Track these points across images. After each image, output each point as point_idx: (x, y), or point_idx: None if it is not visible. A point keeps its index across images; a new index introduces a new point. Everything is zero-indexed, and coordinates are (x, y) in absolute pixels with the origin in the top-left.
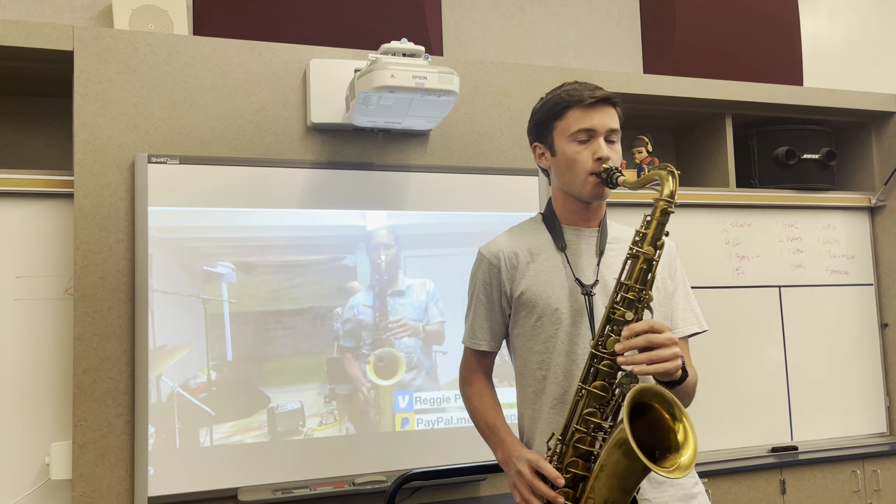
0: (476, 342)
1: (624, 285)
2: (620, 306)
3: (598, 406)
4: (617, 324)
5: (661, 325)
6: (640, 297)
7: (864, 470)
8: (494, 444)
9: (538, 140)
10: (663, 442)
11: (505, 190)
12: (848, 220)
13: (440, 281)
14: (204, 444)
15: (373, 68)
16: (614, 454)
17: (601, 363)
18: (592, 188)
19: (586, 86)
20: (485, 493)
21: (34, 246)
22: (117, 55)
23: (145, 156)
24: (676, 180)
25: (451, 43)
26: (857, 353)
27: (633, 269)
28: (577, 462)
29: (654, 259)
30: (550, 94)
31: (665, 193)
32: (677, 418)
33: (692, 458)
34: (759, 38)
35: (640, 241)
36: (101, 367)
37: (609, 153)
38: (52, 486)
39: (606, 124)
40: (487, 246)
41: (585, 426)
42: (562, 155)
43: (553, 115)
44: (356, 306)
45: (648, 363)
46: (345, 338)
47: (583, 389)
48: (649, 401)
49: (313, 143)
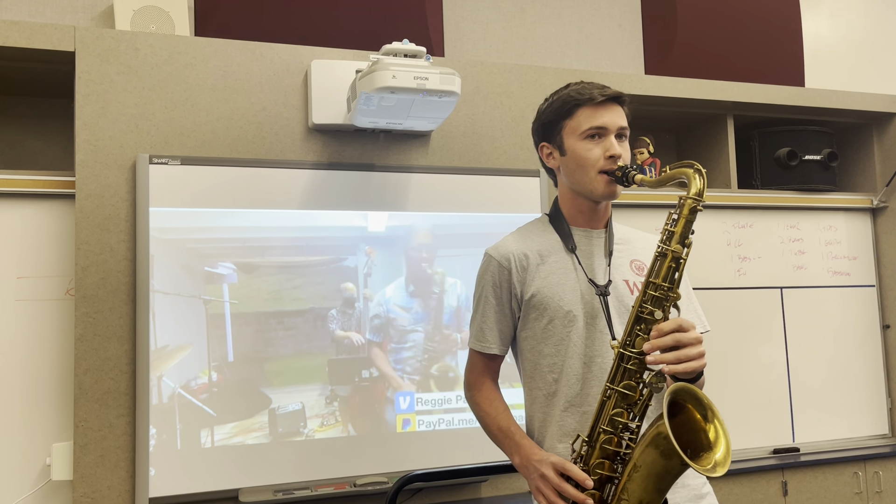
0: (486, 345)
1: (652, 283)
2: (649, 305)
3: (625, 406)
4: (645, 322)
5: (689, 323)
6: (668, 296)
7: (866, 471)
8: (510, 448)
9: (546, 140)
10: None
11: (506, 191)
12: (849, 222)
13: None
14: (205, 444)
15: (374, 69)
16: (650, 454)
17: (629, 363)
18: (605, 186)
19: (594, 84)
20: (486, 494)
21: (35, 247)
22: (119, 56)
23: (146, 156)
24: (704, 178)
25: (453, 44)
26: (859, 354)
27: (661, 268)
28: (604, 463)
29: (683, 257)
30: (558, 94)
31: (693, 192)
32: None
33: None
34: (761, 38)
35: (667, 240)
36: (102, 367)
37: (621, 151)
38: (53, 486)
39: (617, 122)
40: (496, 247)
41: (612, 426)
42: (572, 153)
43: (562, 114)
44: (386, 303)
45: (677, 362)
46: (373, 332)
47: (610, 390)
48: (683, 401)
49: (314, 144)
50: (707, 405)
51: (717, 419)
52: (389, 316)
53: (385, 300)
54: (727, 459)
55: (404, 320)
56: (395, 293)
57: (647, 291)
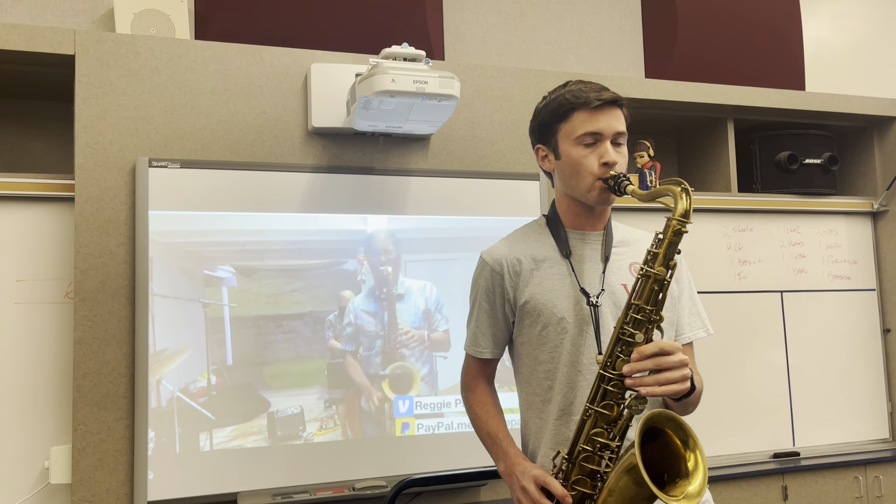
0: (479, 350)
1: (634, 305)
2: (630, 327)
3: (605, 426)
4: (626, 345)
5: (671, 346)
6: (651, 318)
7: (867, 476)
8: (496, 454)
9: (541, 142)
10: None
11: (506, 194)
12: (850, 225)
13: (440, 285)
14: (204, 448)
15: (374, 73)
16: (623, 479)
17: (609, 384)
18: (599, 194)
19: (592, 86)
20: (485, 498)
21: (35, 249)
22: (119, 59)
23: (146, 160)
24: (691, 198)
25: (453, 47)
26: (860, 358)
27: (644, 289)
28: (584, 480)
29: (666, 279)
30: (554, 94)
31: (678, 213)
32: (689, 447)
33: (701, 487)
34: (761, 42)
35: (651, 261)
36: (101, 370)
37: (616, 157)
38: (52, 490)
39: (613, 127)
40: (490, 251)
41: (592, 445)
42: (567, 159)
43: (557, 117)
44: (355, 310)
45: (657, 385)
46: (346, 341)
47: (590, 409)
48: (662, 426)
49: (314, 148)
50: (687, 431)
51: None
52: (358, 323)
53: (354, 307)
54: (701, 492)
55: (371, 326)
56: (362, 300)
57: (629, 314)
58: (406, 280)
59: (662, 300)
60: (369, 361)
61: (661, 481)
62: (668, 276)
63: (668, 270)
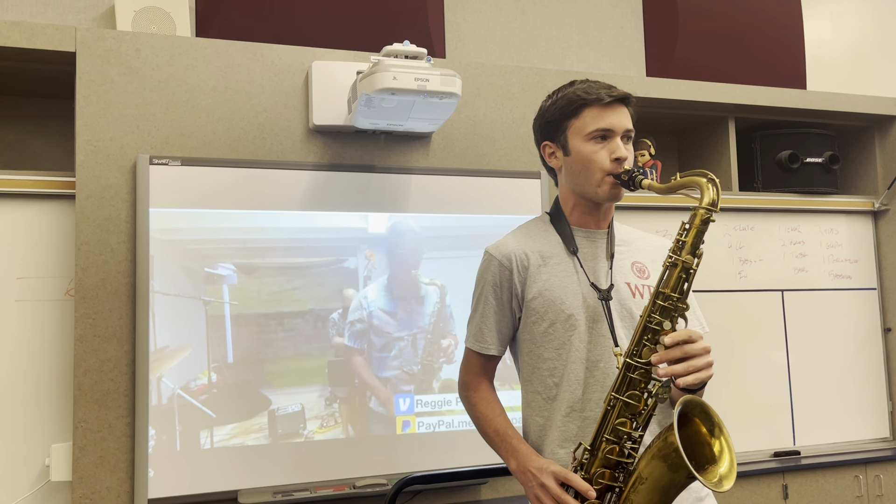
0: (485, 346)
1: (661, 293)
2: (657, 315)
3: (629, 416)
4: (653, 333)
5: (697, 334)
6: (677, 307)
7: (867, 475)
8: (506, 452)
9: (548, 139)
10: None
11: (507, 192)
12: (851, 224)
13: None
14: (204, 446)
15: (375, 70)
16: (657, 466)
17: (635, 372)
18: (609, 189)
19: (601, 84)
20: (486, 496)
21: (35, 247)
22: (119, 57)
23: (147, 157)
24: (718, 188)
25: (454, 45)
26: (860, 357)
27: (671, 278)
28: (605, 472)
29: (693, 268)
30: (563, 92)
31: (706, 202)
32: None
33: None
34: (763, 41)
35: (678, 250)
36: (101, 368)
37: (626, 153)
38: (53, 487)
39: (623, 124)
40: (497, 247)
41: (616, 436)
42: (577, 155)
43: (568, 114)
44: (368, 307)
45: (686, 373)
46: (353, 338)
47: (615, 399)
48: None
49: (315, 146)
50: (716, 420)
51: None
52: (373, 322)
53: (368, 303)
54: (732, 474)
55: (390, 326)
56: (377, 296)
57: (657, 301)
58: (423, 281)
59: (688, 289)
60: (382, 362)
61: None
62: (694, 265)
63: (695, 259)
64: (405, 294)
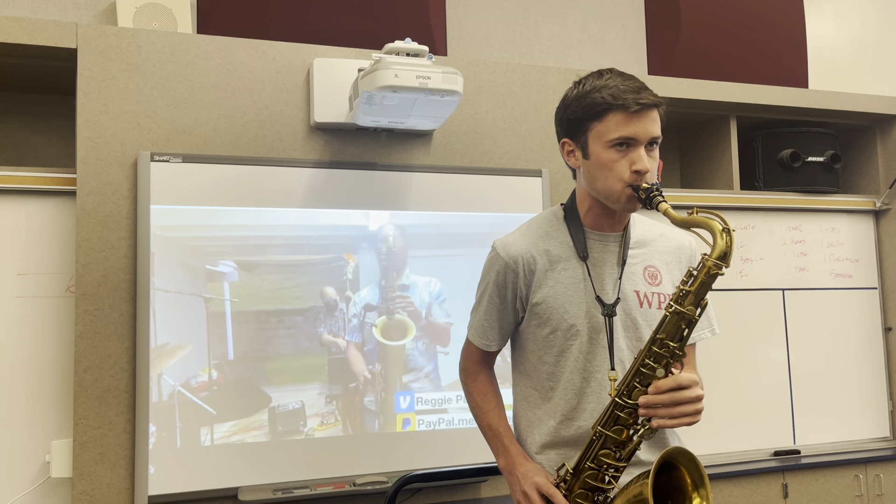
0: (486, 343)
1: (658, 340)
2: (651, 361)
3: (613, 448)
4: (644, 377)
5: (689, 380)
6: (674, 354)
7: (867, 474)
8: (497, 449)
9: (569, 137)
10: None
11: (508, 191)
12: (852, 224)
13: (442, 281)
14: (205, 443)
15: (376, 68)
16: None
17: (622, 411)
18: (626, 201)
19: (631, 85)
20: (485, 494)
21: (36, 243)
22: (120, 53)
23: (148, 154)
24: (732, 240)
25: (455, 43)
26: (861, 356)
27: (670, 325)
28: (586, 494)
29: (695, 319)
30: (588, 87)
31: (715, 254)
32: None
33: None
34: (765, 40)
35: (682, 299)
36: (102, 365)
37: (649, 165)
38: (53, 483)
39: (649, 132)
40: (505, 245)
41: (598, 464)
42: (596, 160)
43: (591, 115)
44: (360, 303)
45: (669, 418)
46: (351, 333)
47: (601, 432)
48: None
49: (316, 143)
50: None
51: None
52: (365, 321)
53: (360, 299)
54: None
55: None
56: (369, 294)
57: (652, 348)
58: (412, 275)
59: (687, 337)
60: (372, 355)
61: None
62: (696, 316)
63: (697, 309)
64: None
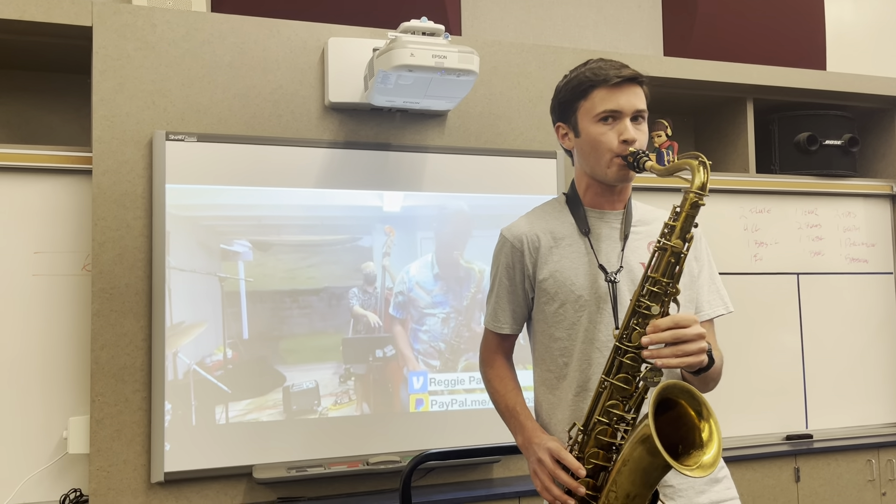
0: (499, 326)
1: (651, 278)
2: (646, 300)
3: (620, 398)
4: (642, 317)
5: (688, 318)
6: (667, 291)
7: (880, 459)
8: (514, 427)
9: (561, 120)
10: (687, 439)
11: (523, 172)
12: (869, 208)
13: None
14: (220, 421)
15: (392, 47)
16: (637, 450)
17: (625, 356)
18: (617, 171)
19: (612, 64)
20: (498, 475)
21: (52, 222)
22: (136, 31)
23: (163, 133)
24: (708, 171)
25: (469, 23)
26: (875, 342)
27: (661, 262)
28: (598, 452)
29: (683, 252)
30: (575, 72)
31: (696, 185)
32: (703, 417)
33: (715, 457)
34: (782, 21)
35: (668, 234)
36: (118, 343)
37: (636, 135)
38: (70, 459)
39: (633, 104)
40: (510, 228)
41: (608, 417)
42: (586, 136)
43: (577, 95)
44: (409, 280)
45: (673, 357)
46: (396, 308)
47: (606, 382)
48: (676, 397)
49: (330, 123)
50: (701, 402)
51: (712, 417)
52: (411, 295)
53: (409, 278)
54: (715, 462)
55: (423, 302)
56: (419, 272)
57: (646, 286)
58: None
59: (679, 273)
60: (415, 334)
61: (675, 452)
62: (684, 249)
63: (684, 243)
64: (445, 273)
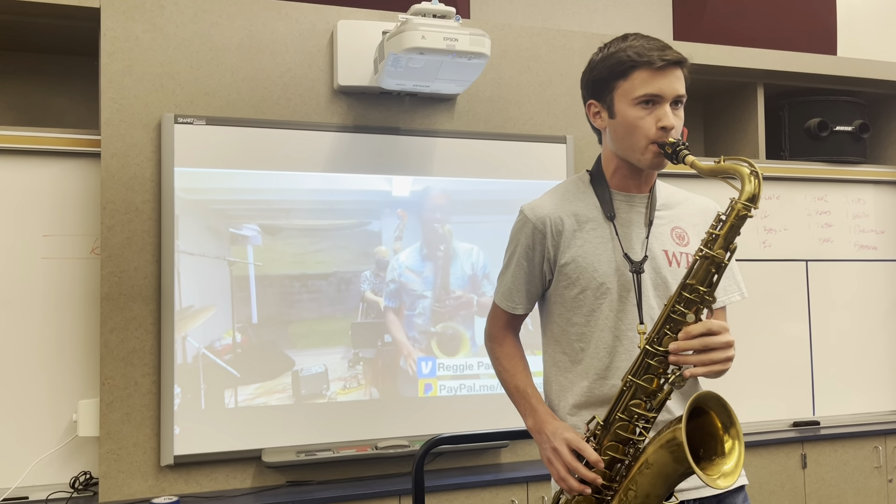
0: (512, 306)
1: (688, 285)
2: (681, 307)
3: (644, 398)
4: (675, 323)
5: (719, 326)
6: (703, 300)
7: (886, 446)
8: (524, 410)
9: (594, 97)
10: (709, 446)
11: (532, 157)
12: (878, 195)
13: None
14: (229, 405)
15: (403, 29)
16: (662, 454)
17: (653, 359)
18: (652, 157)
19: (656, 44)
20: (506, 459)
21: (61, 205)
22: (144, 13)
23: (172, 116)
24: (760, 181)
25: (479, 6)
26: (883, 328)
27: (700, 270)
28: (616, 446)
29: (724, 262)
30: (613, 48)
31: (745, 196)
32: (729, 430)
33: (736, 466)
34: (793, 5)
35: (711, 243)
36: (127, 326)
37: (674, 122)
38: (80, 442)
39: (675, 89)
40: (533, 207)
41: (629, 415)
42: (622, 118)
43: (616, 74)
44: (399, 267)
45: (701, 365)
46: (388, 297)
47: (631, 381)
48: (708, 407)
49: (339, 106)
50: (731, 415)
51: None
52: (402, 280)
53: (399, 265)
54: (736, 472)
55: (415, 285)
56: (408, 257)
57: (682, 293)
58: (456, 242)
59: (717, 282)
60: (410, 322)
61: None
62: (726, 259)
63: (727, 253)
64: (434, 255)
